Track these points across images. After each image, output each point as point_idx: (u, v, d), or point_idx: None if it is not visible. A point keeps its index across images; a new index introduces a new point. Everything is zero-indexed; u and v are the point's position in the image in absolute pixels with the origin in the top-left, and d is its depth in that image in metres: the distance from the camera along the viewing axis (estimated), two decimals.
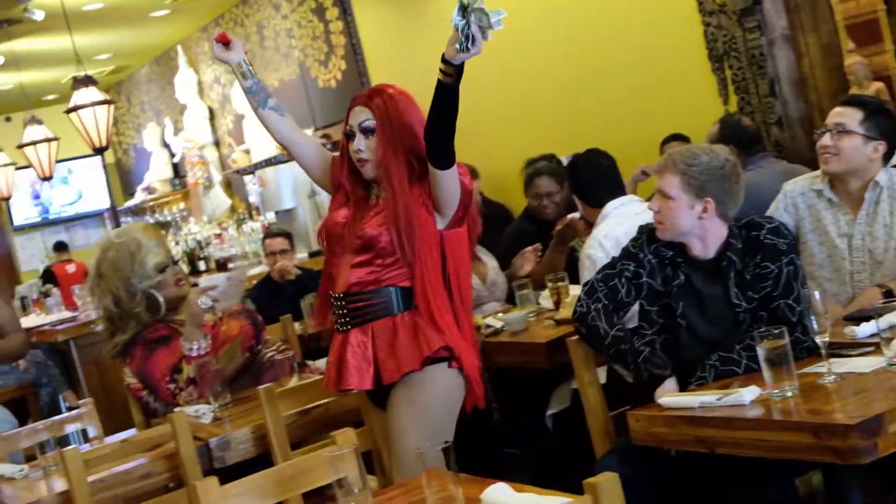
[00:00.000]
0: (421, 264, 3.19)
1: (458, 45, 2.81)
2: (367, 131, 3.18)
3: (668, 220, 3.24)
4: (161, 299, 4.11)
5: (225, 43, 3.35)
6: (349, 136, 3.24)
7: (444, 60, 2.90)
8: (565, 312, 4.20)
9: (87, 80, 8.14)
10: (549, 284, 4.53)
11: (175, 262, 4.35)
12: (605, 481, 2.01)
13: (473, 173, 6.64)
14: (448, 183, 3.14)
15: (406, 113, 3.23)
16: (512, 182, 6.33)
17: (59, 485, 3.69)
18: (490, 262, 5.09)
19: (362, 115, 3.21)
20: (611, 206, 4.22)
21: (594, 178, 4.36)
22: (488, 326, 4.45)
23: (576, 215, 5.04)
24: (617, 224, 4.09)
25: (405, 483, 2.78)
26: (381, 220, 3.21)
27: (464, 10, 2.81)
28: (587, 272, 3.97)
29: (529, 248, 4.99)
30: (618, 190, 4.35)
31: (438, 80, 2.95)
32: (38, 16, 8.40)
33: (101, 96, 8.13)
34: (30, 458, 4.41)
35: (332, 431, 3.85)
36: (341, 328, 3.29)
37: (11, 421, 4.55)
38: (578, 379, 3.38)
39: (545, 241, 5.10)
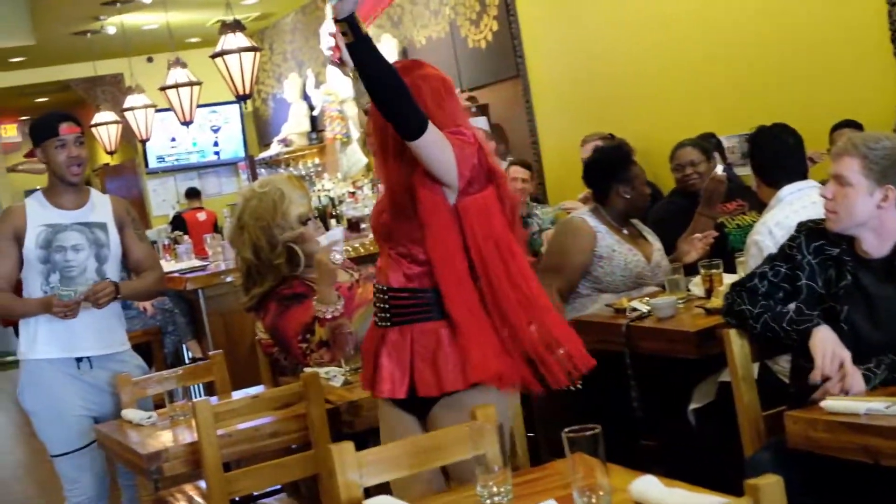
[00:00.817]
0: (432, 244, 3.05)
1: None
2: (366, 111, 3.20)
3: (844, 208, 3.14)
4: (301, 254, 4.12)
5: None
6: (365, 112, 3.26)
7: (335, 21, 2.81)
8: (717, 301, 4.14)
9: (236, 26, 8.22)
10: (702, 271, 4.47)
11: (333, 217, 4.38)
12: (768, 484, 1.98)
13: (526, 166, 6.63)
14: (427, 152, 2.96)
15: (437, 100, 3.08)
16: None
17: (187, 435, 3.78)
18: (655, 243, 5.02)
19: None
20: (787, 190, 4.11)
21: (775, 156, 4.22)
22: (634, 310, 4.39)
23: (720, 168, 4.98)
24: (792, 212, 3.96)
25: (547, 466, 2.77)
26: (380, 204, 3.22)
27: None
28: (752, 259, 3.90)
29: (699, 235, 4.90)
30: (798, 173, 4.20)
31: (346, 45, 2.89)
32: None
33: (247, 42, 8.22)
34: (157, 405, 4.54)
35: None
36: (380, 323, 3.22)
37: (143, 367, 4.65)
38: (732, 373, 3.32)
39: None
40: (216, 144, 14.53)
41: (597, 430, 2.31)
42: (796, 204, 4.02)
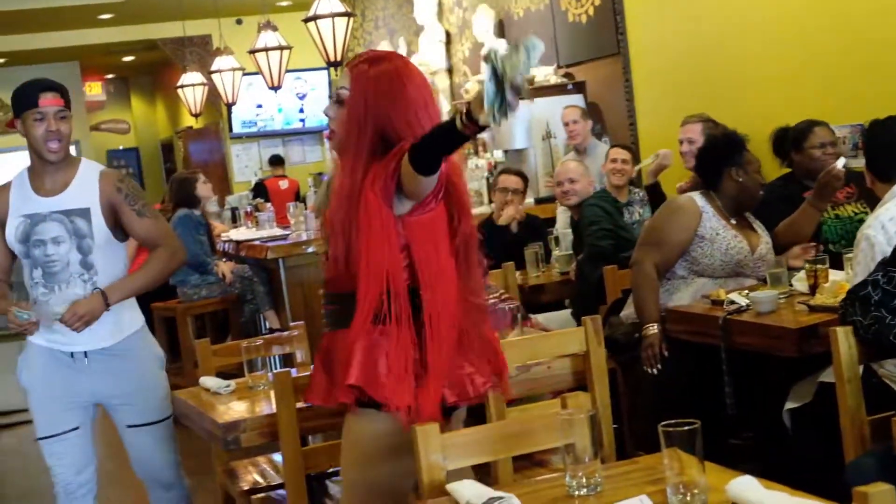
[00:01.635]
0: (363, 250, 2.95)
1: (491, 118, 2.54)
2: (339, 101, 3.07)
3: None
4: None
5: None
6: (329, 98, 3.16)
7: (469, 115, 2.62)
8: (821, 298, 4.07)
9: None
10: (807, 266, 4.39)
11: None
12: (880, 492, 1.93)
13: (627, 149, 6.56)
14: (427, 181, 2.88)
15: (388, 94, 3.00)
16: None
17: (265, 406, 3.81)
18: (764, 236, 4.93)
19: (343, 81, 3.09)
20: None
21: (890, 150, 4.07)
22: (732, 302, 4.33)
23: (841, 162, 4.88)
24: None
25: (637, 460, 2.74)
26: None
27: (497, 78, 2.50)
28: (862, 255, 3.81)
29: (799, 251, 4.85)
30: None
31: (454, 124, 2.66)
32: None
33: (341, 7, 8.23)
34: (231, 375, 4.56)
35: (549, 391, 3.92)
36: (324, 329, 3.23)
37: (153, 352, 4.40)
38: (837, 374, 3.27)
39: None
40: (302, 111, 14.61)
41: (695, 425, 2.29)
42: None
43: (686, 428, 2.28)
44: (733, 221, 4.85)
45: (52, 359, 4.17)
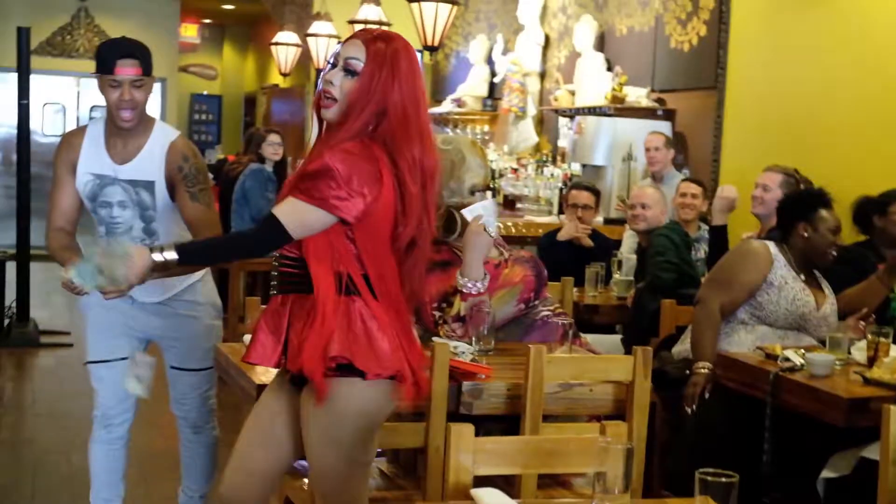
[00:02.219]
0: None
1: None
2: (350, 72, 3.03)
3: None
4: (460, 223, 4.07)
5: None
6: (332, 65, 3.10)
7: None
8: (878, 372, 4.00)
9: None
10: (869, 337, 4.31)
11: (489, 189, 4.26)
12: None
13: (699, 184, 6.48)
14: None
15: (400, 77, 3.04)
16: None
17: None
18: (830, 296, 4.86)
19: (354, 52, 3.05)
20: None
21: None
22: (787, 359, 4.26)
23: None
24: None
25: (666, 501, 2.71)
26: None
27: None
28: None
29: (854, 323, 4.77)
30: None
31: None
32: None
33: None
34: None
35: (586, 413, 3.87)
36: (270, 291, 3.21)
37: (209, 305, 4.41)
38: (882, 454, 3.18)
39: None
40: None
41: (734, 478, 2.25)
42: None
43: (725, 480, 2.24)
44: (802, 276, 4.79)
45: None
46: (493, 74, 12.48)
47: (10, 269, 8.97)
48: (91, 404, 4.38)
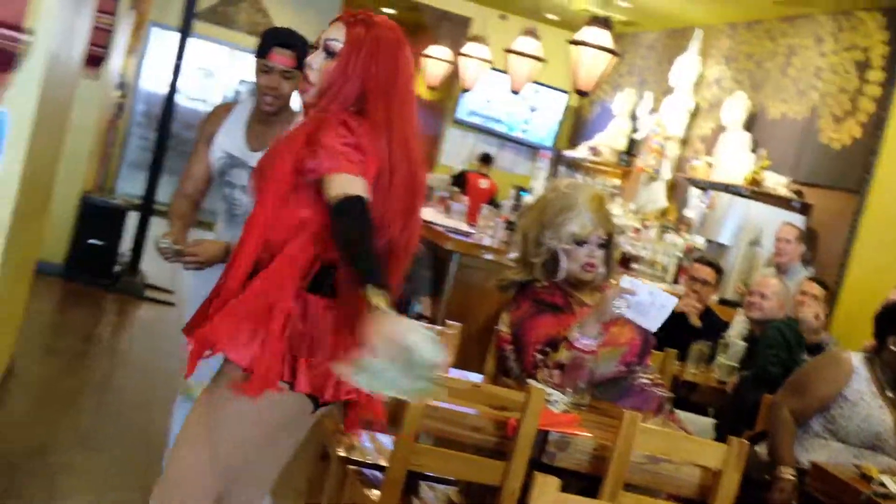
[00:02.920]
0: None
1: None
2: (330, 53, 3.02)
3: None
4: (563, 266, 4.06)
5: None
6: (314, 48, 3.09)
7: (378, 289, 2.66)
8: None
9: (605, 23, 8.19)
10: None
11: (605, 247, 4.19)
12: None
13: (822, 284, 6.30)
14: None
15: (378, 60, 3.00)
16: None
17: None
18: None
19: (335, 34, 3.03)
20: None
21: None
22: (882, 484, 4.10)
23: None
24: None
25: None
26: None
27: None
28: None
29: None
30: None
31: (366, 276, 2.70)
32: None
33: (610, 44, 8.17)
34: None
35: (668, 492, 3.78)
36: None
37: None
38: None
39: None
40: (527, 123, 14.51)
41: None
42: None
43: None
44: (888, 394, 4.65)
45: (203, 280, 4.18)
46: (635, 130, 12.41)
47: (132, 218, 9.15)
48: (179, 367, 4.43)
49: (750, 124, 10.11)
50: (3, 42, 4.12)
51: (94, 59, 7.18)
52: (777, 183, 9.09)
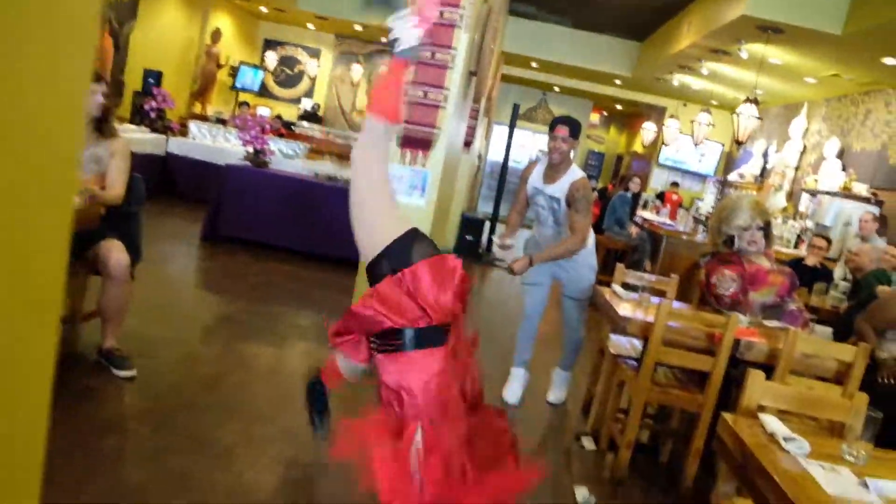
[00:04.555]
0: None
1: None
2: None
3: None
4: (737, 243, 3.64)
5: None
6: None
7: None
8: None
9: (754, 101, 7.41)
10: None
11: (762, 230, 3.71)
12: None
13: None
14: None
15: None
16: None
17: (647, 316, 3.45)
18: None
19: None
20: None
21: None
22: None
23: None
24: None
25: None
26: None
27: None
28: None
29: None
30: None
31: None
32: (744, 55, 7.74)
33: (756, 113, 7.38)
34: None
35: (814, 375, 3.27)
36: None
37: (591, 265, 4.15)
38: None
39: None
40: (700, 162, 13.56)
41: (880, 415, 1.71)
42: None
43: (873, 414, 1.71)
44: None
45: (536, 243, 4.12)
46: (765, 163, 11.29)
47: (486, 225, 9.09)
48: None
49: (841, 154, 8.91)
50: (427, 133, 4.09)
51: (467, 143, 7.17)
52: (860, 189, 7.97)
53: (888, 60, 6.87)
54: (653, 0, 8.71)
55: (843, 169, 8.66)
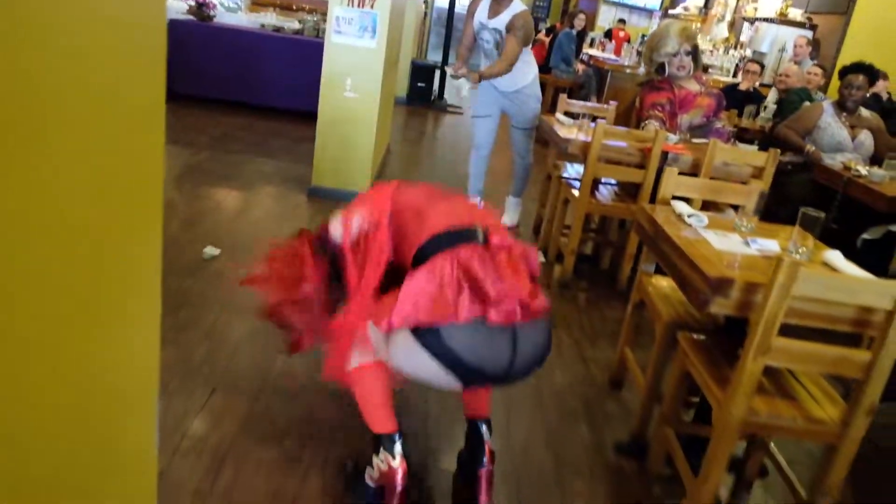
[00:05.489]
0: None
1: None
2: None
3: None
4: (666, 69, 3.83)
5: None
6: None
7: None
8: None
9: None
10: None
11: (690, 55, 3.89)
12: None
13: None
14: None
15: None
16: None
17: (583, 136, 3.75)
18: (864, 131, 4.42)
19: None
20: None
21: None
22: (857, 171, 3.87)
23: None
24: None
25: (780, 228, 2.57)
26: None
27: None
28: None
29: None
30: None
31: None
32: None
33: None
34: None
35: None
36: None
37: (537, 96, 4.31)
38: None
39: None
40: None
41: (821, 215, 2.10)
42: None
43: (812, 214, 2.10)
44: (843, 119, 4.42)
45: (490, 85, 4.26)
46: None
47: (437, 72, 9.10)
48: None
49: None
50: None
51: None
52: (796, 14, 8.20)
53: None
54: None
55: None
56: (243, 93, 6.44)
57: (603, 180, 4.10)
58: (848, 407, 1.78)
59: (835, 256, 2.07)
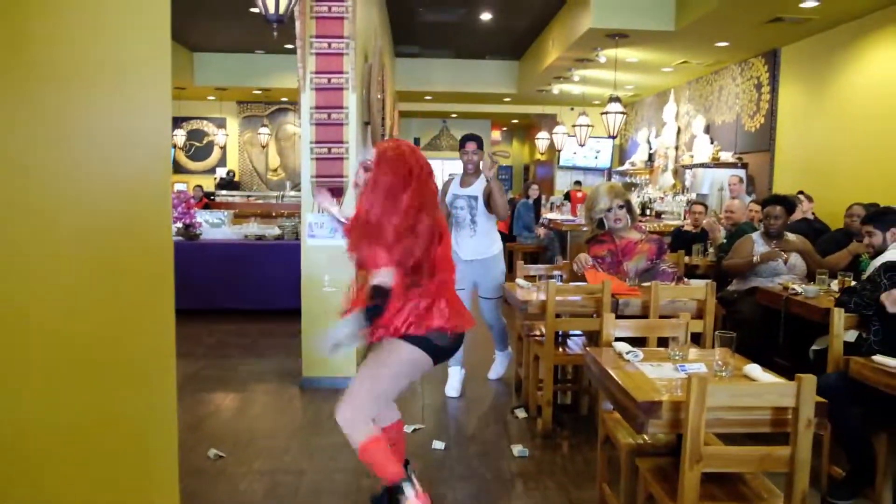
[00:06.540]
0: None
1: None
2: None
3: None
4: (606, 224, 4.22)
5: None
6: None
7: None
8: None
9: (617, 99, 8.29)
10: (840, 278, 4.24)
11: (623, 208, 4.25)
12: (809, 378, 1.97)
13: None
14: None
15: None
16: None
17: (542, 296, 4.09)
18: (794, 254, 4.82)
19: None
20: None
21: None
22: (794, 290, 4.23)
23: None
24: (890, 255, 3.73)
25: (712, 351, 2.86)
26: None
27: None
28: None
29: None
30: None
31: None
32: (602, 59, 8.66)
33: (621, 109, 8.27)
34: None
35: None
36: None
37: (502, 268, 4.65)
38: (831, 334, 3.23)
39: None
40: (596, 158, 14.51)
41: (733, 335, 2.38)
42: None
43: (726, 335, 2.39)
44: (773, 246, 4.80)
45: (459, 260, 4.54)
46: (650, 148, 12.34)
47: None
48: None
49: (707, 129, 9.99)
50: (337, 183, 4.68)
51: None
52: (727, 157, 9.01)
53: (720, 43, 7.93)
54: (519, 21, 9.61)
55: (711, 142, 9.71)
56: (233, 300, 6.83)
57: (570, 333, 4.37)
58: (783, 501, 2.01)
59: (753, 369, 2.36)
